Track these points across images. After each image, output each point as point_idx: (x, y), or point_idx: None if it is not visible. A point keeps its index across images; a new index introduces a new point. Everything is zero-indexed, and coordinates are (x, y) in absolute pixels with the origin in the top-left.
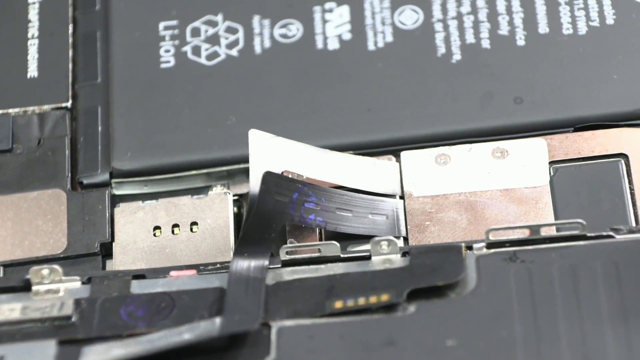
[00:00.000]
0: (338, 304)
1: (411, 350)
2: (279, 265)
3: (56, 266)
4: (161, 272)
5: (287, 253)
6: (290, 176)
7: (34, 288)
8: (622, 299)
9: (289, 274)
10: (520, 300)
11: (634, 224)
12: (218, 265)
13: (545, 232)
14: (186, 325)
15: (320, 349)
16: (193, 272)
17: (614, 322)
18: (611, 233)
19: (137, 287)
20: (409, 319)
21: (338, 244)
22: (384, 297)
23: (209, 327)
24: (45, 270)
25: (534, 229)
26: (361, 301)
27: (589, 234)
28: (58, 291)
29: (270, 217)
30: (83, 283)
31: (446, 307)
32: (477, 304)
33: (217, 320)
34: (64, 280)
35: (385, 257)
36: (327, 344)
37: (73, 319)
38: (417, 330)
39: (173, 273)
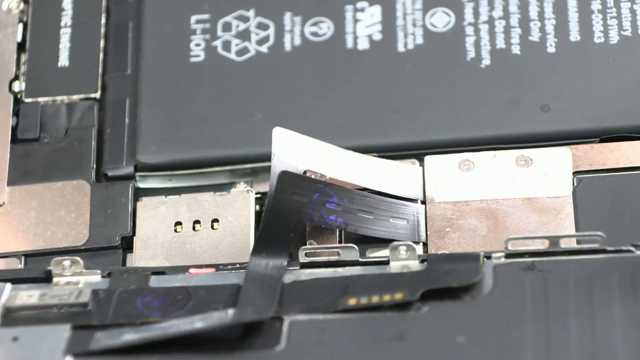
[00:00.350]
0: (351, 301)
1: (420, 346)
2: (297, 267)
3: (78, 258)
4: (180, 270)
5: (306, 255)
6: (312, 176)
7: (55, 279)
8: (637, 311)
9: (307, 274)
10: (534, 306)
11: None
12: (237, 266)
13: (564, 243)
14: (199, 315)
15: (330, 341)
16: (212, 270)
17: (626, 334)
18: (631, 248)
19: (156, 282)
20: (421, 316)
21: (357, 247)
22: (398, 296)
23: (222, 316)
24: (66, 261)
25: (553, 240)
26: (375, 299)
27: (608, 248)
28: (78, 283)
29: (288, 216)
30: (103, 277)
31: (459, 309)
32: (490, 308)
33: (230, 312)
34: (85, 273)
35: (404, 262)
36: (337, 336)
37: (89, 307)
38: (428, 327)
39: (192, 270)
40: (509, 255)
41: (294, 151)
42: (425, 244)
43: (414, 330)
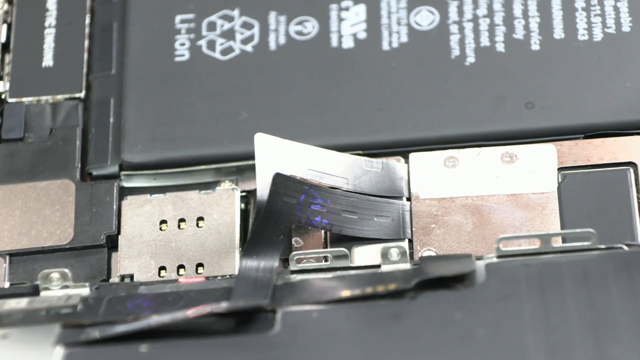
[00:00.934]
0: (345, 293)
1: (417, 323)
2: (289, 274)
3: (66, 270)
4: (170, 282)
5: (297, 261)
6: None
7: (42, 294)
8: (635, 296)
9: (298, 279)
10: (529, 291)
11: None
12: (227, 277)
13: (555, 242)
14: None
15: (325, 323)
16: (202, 279)
17: (627, 318)
18: (623, 246)
19: (145, 291)
20: (416, 301)
21: (347, 251)
22: (392, 286)
23: (215, 306)
24: (54, 274)
25: (545, 238)
26: (368, 290)
27: (600, 246)
28: (66, 294)
29: (279, 218)
30: (91, 290)
31: (454, 295)
32: (485, 293)
33: (224, 303)
34: (73, 286)
35: (396, 266)
36: (331, 320)
37: (79, 308)
38: (424, 309)
39: (182, 280)
40: (501, 257)
41: (277, 156)
42: (410, 241)
43: (409, 312)
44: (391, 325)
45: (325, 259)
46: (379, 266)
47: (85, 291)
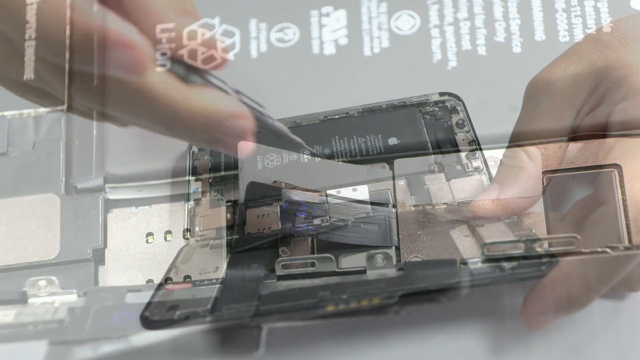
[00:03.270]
0: (330, 308)
1: (400, 345)
2: (274, 280)
3: (53, 278)
4: (156, 288)
5: (282, 267)
6: (283, 185)
7: (30, 300)
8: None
9: (284, 286)
10: (512, 306)
11: (625, 235)
12: (214, 281)
13: (539, 247)
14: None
15: (309, 344)
16: (188, 285)
17: (605, 323)
18: (607, 249)
19: (132, 299)
20: (400, 319)
21: (333, 257)
22: (376, 300)
23: (199, 322)
24: (42, 281)
25: (529, 244)
26: (353, 304)
27: (584, 250)
28: (53, 303)
29: (260, 227)
30: (79, 296)
31: (438, 310)
32: (469, 309)
33: (207, 318)
34: (60, 292)
35: (380, 271)
36: (316, 340)
37: (65, 323)
38: (407, 328)
39: (169, 287)
40: (486, 261)
41: (260, 164)
42: (397, 248)
43: (393, 331)
44: (375, 348)
45: (312, 264)
46: (364, 271)
47: (72, 298)
